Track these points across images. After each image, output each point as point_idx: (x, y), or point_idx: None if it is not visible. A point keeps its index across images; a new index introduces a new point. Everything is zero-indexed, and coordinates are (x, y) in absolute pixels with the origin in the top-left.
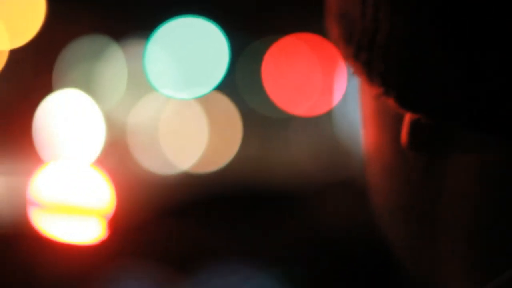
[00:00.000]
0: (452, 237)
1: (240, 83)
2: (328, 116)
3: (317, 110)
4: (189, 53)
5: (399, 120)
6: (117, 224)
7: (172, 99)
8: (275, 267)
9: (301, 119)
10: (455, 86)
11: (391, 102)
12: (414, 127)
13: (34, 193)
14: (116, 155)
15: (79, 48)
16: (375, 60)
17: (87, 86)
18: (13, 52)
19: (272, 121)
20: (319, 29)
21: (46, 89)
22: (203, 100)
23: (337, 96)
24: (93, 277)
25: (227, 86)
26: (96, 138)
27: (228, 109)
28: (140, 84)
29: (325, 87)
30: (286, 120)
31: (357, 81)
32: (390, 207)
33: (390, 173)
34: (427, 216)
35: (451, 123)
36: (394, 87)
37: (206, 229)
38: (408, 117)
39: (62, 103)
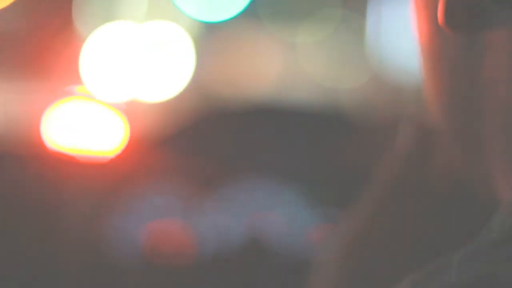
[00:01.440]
0: (492, 119)
1: (265, 6)
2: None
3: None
4: None
5: None
6: (137, 140)
7: (198, 23)
8: (301, 184)
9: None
10: None
11: None
12: (449, 3)
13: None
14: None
15: None
16: None
17: (108, 16)
18: None
19: (301, 46)
20: None
21: (66, 17)
22: (229, 24)
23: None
24: (114, 194)
25: (253, 9)
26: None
27: (259, 34)
28: (165, 10)
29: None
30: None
31: None
32: (438, 94)
33: (433, 55)
34: (469, 98)
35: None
36: None
37: (232, 145)
38: None
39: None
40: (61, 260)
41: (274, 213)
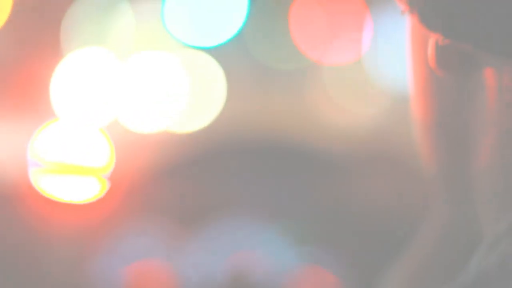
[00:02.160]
0: (482, 157)
1: (261, 31)
2: (359, 64)
3: (347, 57)
4: (207, 2)
5: (428, 40)
6: (117, 182)
7: (190, 50)
8: (283, 222)
9: (330, 68)
10: (468, 9)
11: (416, 21)
12: (438, 47)
13: (34, 152)
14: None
15: (87, 4)
16: None
17: (98, 44)
18: (16, 3)
19: (299, 72)
20: None
21: (53, 44)
22: (219, 50)
23: (367, 43)
24: (96, 235)
25: (246, 35)
26: (112, 98)
27: (251, 61)
28: (153, 40)
29: (355, 32)
30: (314, 71)
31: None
32: (429, 134)
33: (425, 95)
34: (458, 138)
35: (464, 44)
36: (418, 5)
37: (212, 183)
38: (433, 38)
39: (78, 61)
40: None
41: (257, 252)
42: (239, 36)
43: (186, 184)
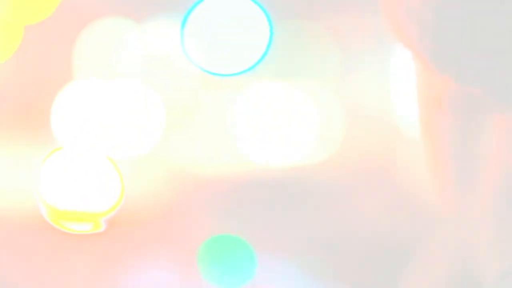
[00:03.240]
0: (486, 197)
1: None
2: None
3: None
4: (228, 32)
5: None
6: (127, 215)
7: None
8: (296, 256)
9: None
10: (477, 54)
11: (425, 64)
12: (447, 90)
13: (40, 193)
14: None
15: (98, 31)
16: (411, 23)
17: (109, 73)
18: (28, 29)
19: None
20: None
21: (64, 72)
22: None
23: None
24: (107, 264)
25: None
26: (132, 128)
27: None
28: (171, 67)
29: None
30: None
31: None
32: (437, 166)
33: (432, 135)
34: (465, 174)
35: (473, 89)
36: (427, 48)
37: (227, 218)
38: (442, 80)
39: (87, 90)
40: None
41: (273, 287)
42: (263, 62)
43: (193, 218)
